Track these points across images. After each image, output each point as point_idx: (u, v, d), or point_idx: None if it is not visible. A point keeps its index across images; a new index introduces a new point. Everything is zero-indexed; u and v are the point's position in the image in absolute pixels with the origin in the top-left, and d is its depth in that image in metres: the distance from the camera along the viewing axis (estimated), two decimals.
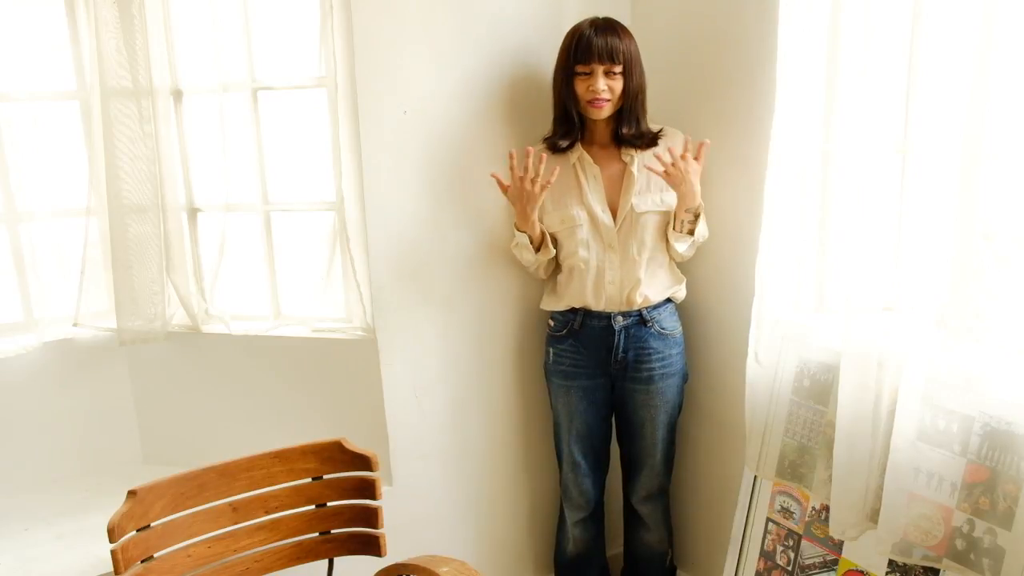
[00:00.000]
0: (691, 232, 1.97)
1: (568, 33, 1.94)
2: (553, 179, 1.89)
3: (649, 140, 1.98)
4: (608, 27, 1.91)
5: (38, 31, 1.98)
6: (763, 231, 1.83)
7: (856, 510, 1.68)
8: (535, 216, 1.95)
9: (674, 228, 1.98)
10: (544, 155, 1.89)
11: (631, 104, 1.94)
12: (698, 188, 1.90)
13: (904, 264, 1.57)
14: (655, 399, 2.08)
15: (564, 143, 1.98)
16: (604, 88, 1.89)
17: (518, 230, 2.00)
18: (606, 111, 1.93)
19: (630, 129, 1.96)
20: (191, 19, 2.00)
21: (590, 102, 1.91)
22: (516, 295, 2.21)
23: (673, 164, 1.85)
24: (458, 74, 2.01)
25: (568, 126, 1.97)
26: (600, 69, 1.89)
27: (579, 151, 2.00)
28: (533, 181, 1.88)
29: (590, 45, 1.88)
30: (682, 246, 1.99)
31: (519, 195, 1.91)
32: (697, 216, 1.95)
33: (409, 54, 1.94)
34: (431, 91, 1.99)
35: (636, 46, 1.93)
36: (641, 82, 1.95)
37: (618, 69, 1.89)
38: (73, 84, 2.02)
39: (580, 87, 1.92)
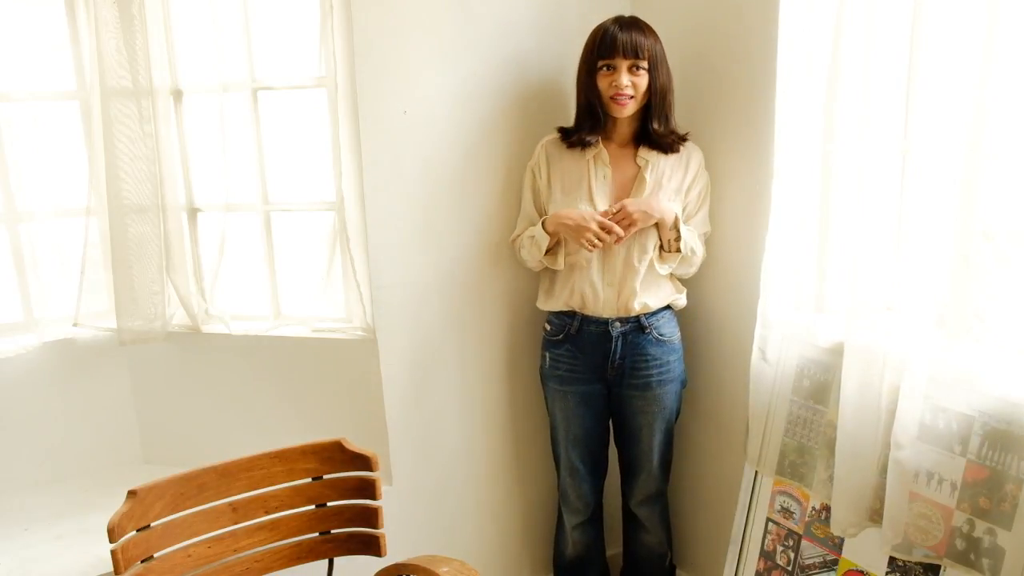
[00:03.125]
0: (678, 250, 1.95)
1: (593, 30, 1.92)
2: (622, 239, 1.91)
3: (672, 144, 1.95)
4: (633, 24, 1.89)
5: (38, 31, 1.98)
6: (770, 231, 1.83)
7: (857, 508, 1.68)
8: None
9: (661, 248, 1.97)
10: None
11: (659, 102, 1.91)
12: (655, 206, 1.90)
13: (905, 264, 1.57)
14: (652, 405, 2.06)
15: (591, 138, 1.95)
16: (627, 84, 1.86)
17: (546, 230, 1.96)
18: (629, 109, 1.90)
19: (660, 126, 1.92)
20: (191, 19, 2.00)
21: (613, 98, 1.88)
22: (516, 295, 2.21)
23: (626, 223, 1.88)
24: (458, 74, 2.01)
25: (594, 121, 1.94)
26: (624, 64, 1.86)
27: (598, 147, 1.97)
28: (604, 239, 1.89)
29: (614, 40, 1.85)
30: (664, 268, 1.98)
31: (585, 231, 1.88)
32: (678, 228, 1.93)
33: (409, 54, 1.94)
34: (431, 91, 1.98)
35: (662, 46, 1.90)
36: (668, 81, 1.92)
37: (644, 65, 1.86)
38: (73, 84, 2.02)
39: (603, 83, 1.89)
